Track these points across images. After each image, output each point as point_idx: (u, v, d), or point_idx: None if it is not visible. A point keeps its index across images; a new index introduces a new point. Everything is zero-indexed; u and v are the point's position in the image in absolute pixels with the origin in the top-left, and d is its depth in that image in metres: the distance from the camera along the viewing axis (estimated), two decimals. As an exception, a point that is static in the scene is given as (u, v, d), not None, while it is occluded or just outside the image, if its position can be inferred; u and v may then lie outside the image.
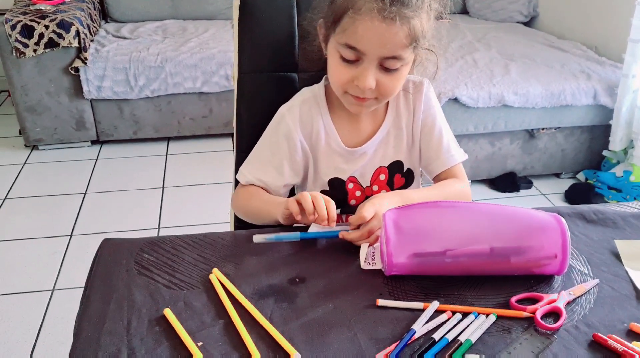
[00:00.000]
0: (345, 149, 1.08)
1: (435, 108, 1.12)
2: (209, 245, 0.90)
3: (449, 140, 1.11)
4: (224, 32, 3.21)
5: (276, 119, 1.10)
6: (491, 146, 2.62)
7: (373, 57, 0.94)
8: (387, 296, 0.79)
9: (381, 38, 0.91)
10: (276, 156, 1.08)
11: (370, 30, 0.91)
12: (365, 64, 0.94)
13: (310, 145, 1.09)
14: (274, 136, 1.09)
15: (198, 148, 3.04)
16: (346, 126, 1.09)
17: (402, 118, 1.10)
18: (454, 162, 1.10)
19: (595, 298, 0.79)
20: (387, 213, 0.83)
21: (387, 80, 0.96)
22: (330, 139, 1.08)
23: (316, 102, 1.09)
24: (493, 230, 0.81)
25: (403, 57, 0.95)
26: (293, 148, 1.07)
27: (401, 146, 1.11)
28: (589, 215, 0.98)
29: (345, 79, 0.97)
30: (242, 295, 0.79)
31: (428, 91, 1.11)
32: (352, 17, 0.92)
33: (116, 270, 0.84)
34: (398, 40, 0.92)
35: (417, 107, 1.10)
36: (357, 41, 0.93)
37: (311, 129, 1.08)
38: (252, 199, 1.07)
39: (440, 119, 1.12)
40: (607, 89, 2.55)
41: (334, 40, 0.97)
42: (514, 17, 3.55)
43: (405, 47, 0.93)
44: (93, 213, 2.45)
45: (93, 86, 2.80)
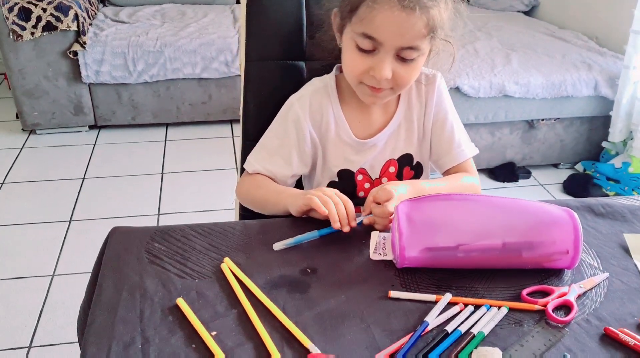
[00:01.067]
0: (356, 140, 1.08)
1: (446, 102, 1.11)
2: (219, 235, 0.90)
3: (460, 134, 1.11)
4: (223, 17, 3.18)
5: (285, 108, 1.09)
6: (491, 135, 2.63)
7: (390, 47, 0.93)
8: (399, 288, 0.80)
9: (400, 28, 0.90)
10: (284, 145, 1.07)
11: (389, 20, 0.90)
12: (382, 54, 0.93)
13: (319, 136, 1.08)
14: (282, 125, 1.08)
15: (197, 134, 3.03)
16: (357, 117, 1.09)
17: (413, 111, 1.10)
18: (464, 157, 1.10)
19: (606, 291, 0.80)
20: (400, 206, 0.82)
21: (403, 70, 0.96)
22: (341, 130, 1.08)
23: (327, 93, 1.08)
24: (506, 225, 0.81)
25: (420, 47, 0.94)
26: (302, 138, 1.07)
27: (412, 139, 1.11)
28: (597, 208, 0.98)
29: (361, 69, 0.96)
30: (254, 285, 0.79)
31: (440, 85, 1.10)
32: (370, 6, 0.91)
33: (127, 258, 0.84)
34: (416, 31, 0.91)
35: (429, 101, 1.09)
36: (374, 31, 0.91)
37: (321, 120, 1.08)
38: (260, 188, 1.06)
39: (452, 113, 1.11)
40: (608, 80, 2.55)
41: (350, 30, 0.96)
42: (515, 6, 3.54)
43: (423, 38, 0.93)
44: (91, 198, 2.44)
45: (91, 71, 2.78)
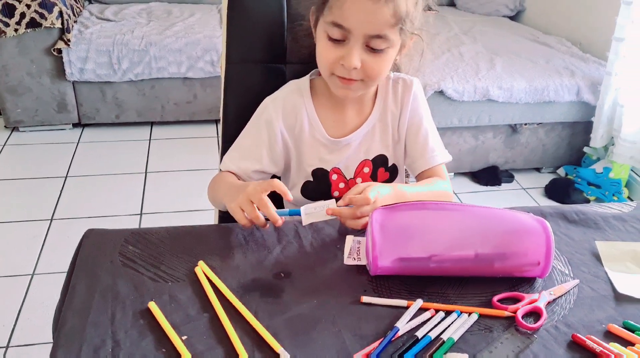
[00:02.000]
0: (329, 139, 1.09)
1: (422, 108, 1.13)
2: (195, 238, 0.90)
3: (435, 140, 1.13)
4: (209, 16, 3.17)
5: (260, 109, 1.11)
6: (475, 139, 2.64)
7: (359, 36, 0.95)
8: (372, 293, 0.80)
9: (367, 15, 0.93)
10: (256, 144, 1.09)
11: (356, 7, 0.92)
12: (352, 43, 0.95)
13: (293, 137, 1.10)
14: (255, 125, 1.10)
15: (182, 133, 3.02)
16: (331, 116, 1.10)
17: (388, 113, 1.11)
18: (436, 162, 1.11)
19: (575, 298, 0.81)
20: (374, 214, 0.83)
21: (372, 61, 0.97)
22: (314, 129, 1.09)
23: (300, 94, 1.10)
24: (479, 235, 0.82)
25: (389, 37, 0.96)
26: (273, 138, 1.08)
27: (386, 140, 1.12)
28: (570, 215, 0.99)
29: (331, 59, 0.98)
30: (227, 288, 0.79)
31: (417, 90, 1.12)
32: None
33: (100, 261, 0.83)
34: (383, 18, 0.93)
35: (404, 105, 1.11)
36: (343, 19, 0.94)
37: (295, 121, 1.09)
38: (217, 184, 1.07)
39: (427, 119, 1.13)
40: (590, 86, 2.58)
41: (322, 22, 0.99)
42: (501, 10, 3.56)
43: (391, 27, 0.94)
44: (74, 197, 2.43)
45: (75, 68, 2.76)
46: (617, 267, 0.87)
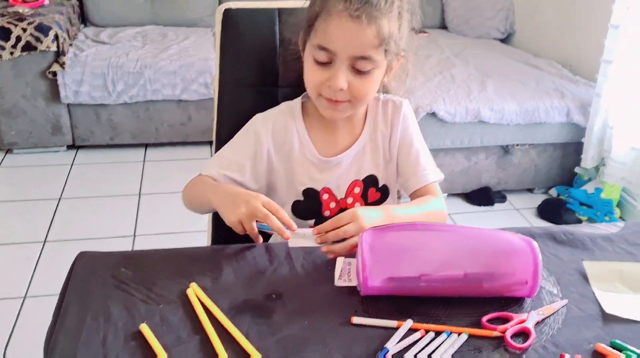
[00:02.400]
0: (320, 158, 1.10)
1: (412, 128, 1.15)
2: (187, 259, 0.90)
3: (426, 159, 1.14)
4: (204, 39, 3.21)
5: (249, 123, 1.12)
6: (467, 160, 2.67)
7: (344, 57, 0.97)
8: (362, 314, 0.81)
9: (350, 37, 0.95)
10: (240, 155, 1.09)
11: (340, 29, 0.95)
12: (337, 65, 0.98)
13: (282, 156, 1.11)
14: (243, 137, 1.11)
15: (176, 155, 3.03)
16: (321, 136, 1.12)
17: (378, 134, 1.13)
18: (429, 180, 1.12)
19: (564, 318, 0.82)
20: (364, 235, 0.84)
21: (358, 82, 0.99)
22: (305, 148, 1.11)
23: (292, 114, 1.12)
24: (468, 255, 0.83)
25: (374, 58, 0.98)
26: (259, 153, 1.09)
27: (377, 161, 1.13)
28: (559, 236, 1.01)
29: (318, 81, 1.00)
30: (218, 310, 0.79)
31: (406, 111, 1.14)
32: (323, 19, 0.97)
33: (93, 283, 0.84)
34: (367, 40, 0.95)
35: (394, 126, 1.13)
36: (328, 41, 0.96)
37: (284, 139, 1.11)
38: (199, 186, 1.08)
39: (417, 139, 1.15)
40: (580, 107, 2.62)
41: (309, 45, 1.01)
42: (491, 33, 3.62)
43: (375, 48, 0.97)
44: (68, 219, 2.43)
45: (70, 91, 2.78)
46: (604, 287, 0.88)
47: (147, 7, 3.39)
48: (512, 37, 3.64)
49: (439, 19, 3.79)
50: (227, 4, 1.20)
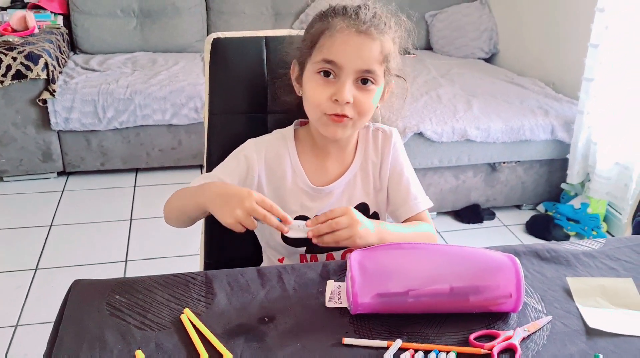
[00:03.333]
0: (312, 187, 1.12)
1: (402, 157, 1.18)
2: (181, 285, 0.92)
3: (416, 188, 1.17)
4: (193, 64, 3.25)
5: (241, 147, 1.14)
6: (455, 179, 2.70)
7: (350, 71, 1.00)
8: (353, 335, 0.83)
9: (357, 50, 1.00)
10: (230, 176, 1.09)
11: (347, 43, 1.00)
12: (343, 79, 1.01)
13: (273, 183, 1.13)
14: (233, 160, 1.12)
15: (167, 179, 3.04)
16: (313, 164, 1.14)
17: (369, 162, 1.16)
18: (420, 209, 1.15)
19: (548, 334, 0.84)
20: (352, 255, 0.87)
21: (362, 97, 1.02)
22: (297, 177, 1.13)
23: (284, 142, 1.14)
24: (452, 271, 0.86)
25: (377, 72, 1.02)
26: (250, 178, 1.11)
27: (368, 189, 1.16)
28: (543, 253, 1.03)
29: (323, 98, 1.02)
30: (212, 335, 0.81)
31: (396, 141, 1.17)
32: (329, 35, 1.01)
33: (87, 311, 0.85)
34: (372, 54, 1.00)
35: (385, 155, 1.16)
36: (335, 55, 1.00)
37: (277, 168, 1.12)
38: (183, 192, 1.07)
39: (407, 168, 1.18)
40: (563, 124, 2.67)
41: (311, 64, 1.04)
42: (476, 53, 3.69)
43: (379, 64, 1.02)
44: (59, 246, 2.43)
45: (61, 118, 2.80)
46: (587, 302, 0.91)
47: (137, 33, 3.43)
48: (496, 57, 3.72)
49: (425, 40, 3.86)
50: (215, 34, 1.23)
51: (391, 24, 1.04)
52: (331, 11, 1.04)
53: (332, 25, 1.01)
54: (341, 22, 1.00)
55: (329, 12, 1.04)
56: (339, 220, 0.96)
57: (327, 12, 1.04)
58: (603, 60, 2.46)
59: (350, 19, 1.00)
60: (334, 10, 1.03)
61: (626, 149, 2.49)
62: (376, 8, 1.04)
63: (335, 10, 1.03)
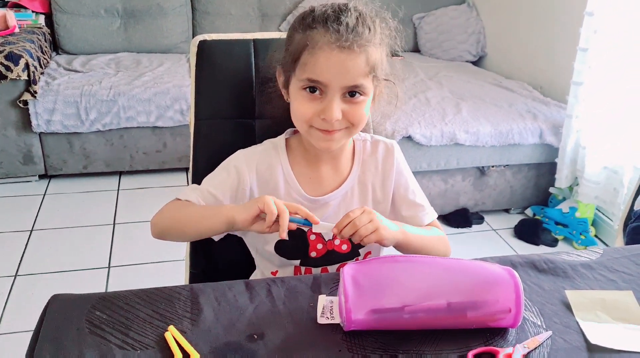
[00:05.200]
0: (307, 197, 1.08)
1: (405, 171, 1.15)
2: (164, 300, 0.87)
3: (423, 199, 1.15)
4: (178, 66, 3.19)
5: (231, 157, 1.10)
6: (444, 183, 2.68)
7: (336, 88, 0.96)
8: (346, 353, 0.79)
9: (341, 68, 0.94)
10: (220, 189, 1.06)
11: (330, 61, 0.94)
12: (330, 96, 0.96)
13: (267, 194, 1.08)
14: (223, 172, 1.09)
15: (151, 182, 2.99)
16: (306, 174, 1.10)
17: (367, 175, 1.12)
18: (430, 219, 1.13)
19: (549, 351, 0.81)
20: (345, 268, 0.83)
21: (352, 109, 0.98)
22: (291, 188, 1.09)
23: (277, 153, 1.10)
24: (450, 285, 0.82)
25: (364, 85, 0.97)
26: (242, 190, 1.07)
27: (365, 202, 1.12)
28: (539, 264, 1.00)
29: (311, 114, 0.98)
30: (198, 354, 0.77)
31: (399, 156, 1.14)
32: (310, 53, 0.95)
33: (66, 328, 0.81)
34: (358, 68, 0.95)
35: (388, 170, 1.12)
36: (318, 74, 0.95)
37: (269, 179, 1.08)
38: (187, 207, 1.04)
39: (412, 182, 1.15)
40: (552, 128, 2.66)
41: (296, 80, 0.99)
42: (464, 56, 3.68)
43: (366, 76, 0.97)
44: (39, 251, 2.36)
45: (42, 120, 2.73)
46: (587, 317, 0.88)
47: (120, 33, 3.37)
48: (484, 60, 3.71)
49: (412, 42, 3.84)
50: (202, 36, 1.19)
51: (376, 27, 0.98)
52: (310, 21, 0.96)
53: (313, 40, 0.95)
54: (322, 36, 0.94)
55: (308, 22, 0.97)
56: (360, 217, 0.95)
57: (306, 19, 0.97)
58: (592, 64, 2.45)
59: (331, 32, 0.93)
60: (314, 19, 0.96)
61: (615, 154, 2.48)
62: (359, 10, 0.97)
63: (315, 19, 0.96)
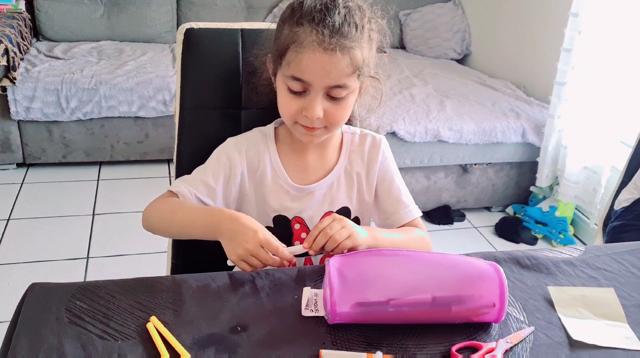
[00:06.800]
0: (293, 185, 1.08)
1: (391, 166, 1.15)
2: (146, 290, 0.86)
3: (407, 197, 1.14)
4: (162, 56, 3.16)
5: (221, 146, 1.10)
6: (427, 179, 2.69)
7: (319, 87, 0.96)
8: (330, 346, 0.79)
9: (324, 68, 0.94)
10: (213, 178, 1.06)
11: (313, 62, 0.94)
12: (312, 95, 0.97)
13: (254, 182, 1.09)
14: (215, 160, 1.08)
15: (132, 173, 2.95)
16: (293, 162, 1.10)
17: (354, 167, 1.12)
18: (412, 217, 1.12)
19: (531, 346, 0.81)
20: (331, 261, 0.82)
21: (334, 109, 0.99)
22: (278, 175, 1.09)
23: (265, 140, 1.11)
24: (435, 280, 0.82)
25: (348, 85, 0.97)
26: (233, 178, 1.07)
27: (351, 194, 1.12)
28: (523, 261, 1.01)
29: (294, 110, 0.99)
30: (181, 345, 0.76)
31: (385, 149, 1.14)
32: (295, 51, 0.95)
33: (45, 318, 0.79)
34: (341, 70, 0.95)
35: (372, 163, 1.12)
36: (302, 73, 0.95)
37: (257, 166, 1.09)
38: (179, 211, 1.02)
39: (397, 177, 1.15)
40: (534, 128, 2.68)
41: (281, 74, 1.00)
42: (448, 54, 3.69)
43: (349, 76, 0.96)
44: (17, 241, 2.32)
45: (21, 107, 2.68)
46: (569, 313, 0.89)
47: (103, 21, 3.32)
48: (468, 58, 3.72)
49: (398, 39, 3.84)
50: (189, 24, 1.17)
51: (364, 23, 0.98)
52: (298, 16, 0.95)
53: (298, 38, 0.94)
54: (307, 36, 0.93)
55: (296, 17, 0.96)
56: (332, 225, 0.93)
57: (295, 13, 0.96)
58: (575, 64, 2.47)
59: (316, 33, 0.93)
60: (302, 15, 0.95)
61: (595, 154, 2.51)
62: (348, 5, 0.95)
63: (303, 14, 0.95)
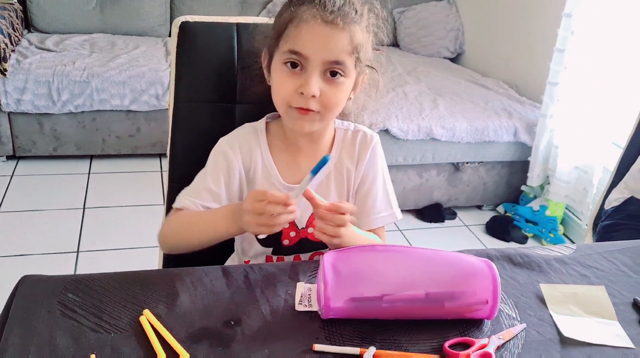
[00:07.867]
0: (284, 184, 1.07)
1: (379, 165, 1.12)
2: (139, 284, 0.86)
3: (383, 203, 1.11)
4: (155, 49, 3.14)
5: (216, 148, 1.09)
6: (419, 177, 2.70)
7: (317, 62, 0.95)
8: (324, 341, 0.79)
9: (324, 41, 0.94)
10: (214, 181, 1.05)
11: (313, 33, 0.94)
12: (310, 71, 0.96)
13: (248, 179, 1.08)
14: (213, 163, 1.08)
15: (123, 167, 2.94)
16: (285, 159, 1.09)
17: (344, 165, 1.10)
18: (378, 225, 1.11)
19: (523, 342, 0.82)
20: (325, 256, 0.82)
21: (330, 91, 0.97)
22: (269, 173, 1.08)
23: (256, 135, 1.09)
24: (429, 276, 0.83)
25: (346, 64, 0.97)
26: (233, 177, 1.06)
27: (341, 191, 1.11)
28: (515, 258, 1.01)
29: (289, 90, 0.97)
30: (174, 339, 0.75)
31: (376, 147, 1.12)
32: (295, 25, 0.95)
33: (37, 310, 0.78)
34: (340, 44, 0.95)
35: (360, 159, 1.11)
36: (301, 46, 0.95)
37: (250, 162, 1.08)
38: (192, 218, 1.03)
39: (381, 178, 1.12)
40: (526, 127, 2.69)
41: (279, 54, 0.99)
42: (442, 52, 3.70)
43: (348, 54, 0.96)
44: (6, 234, 2.30)
45: (12, 99, 2.66)
46: (561, 310, 0.89)
47: (96, 14, 3.30)
48: (462, 57, 3.73)
49: (391, 36, 3.84)
50: (184, 17, 1.16)
51: (364, 12, 0.99)
52: None
53: (298, 14, 0.95)
54: (307, 11, 0.94)
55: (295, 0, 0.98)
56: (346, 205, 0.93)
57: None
58: (568, 65, 2.49)
59: (317, 8, 0.94)
60: None
61: (586, 154, 2.53)
62: None
63: None
